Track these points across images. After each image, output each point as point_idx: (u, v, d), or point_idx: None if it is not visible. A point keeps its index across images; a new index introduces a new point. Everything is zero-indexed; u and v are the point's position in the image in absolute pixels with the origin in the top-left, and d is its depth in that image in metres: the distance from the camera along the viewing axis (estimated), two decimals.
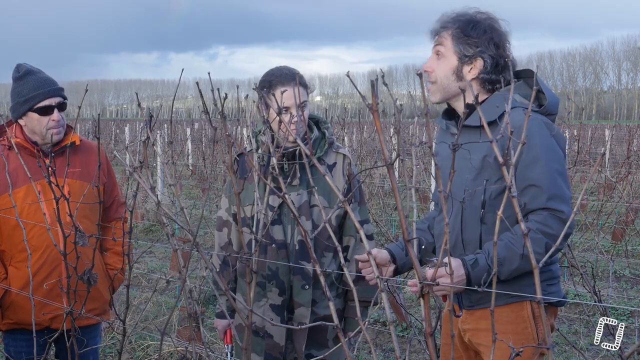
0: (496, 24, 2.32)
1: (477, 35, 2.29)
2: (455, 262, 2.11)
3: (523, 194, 2.15)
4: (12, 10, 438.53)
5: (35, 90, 2.80)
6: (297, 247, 2.72)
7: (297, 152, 2.71)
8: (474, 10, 2.34)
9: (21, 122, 2.87)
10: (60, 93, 2.86)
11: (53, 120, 2.82)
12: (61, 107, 2.87)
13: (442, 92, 2.34)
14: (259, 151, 2.76)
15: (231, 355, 2.86)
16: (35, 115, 2.81)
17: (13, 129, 2.90)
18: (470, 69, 2.30)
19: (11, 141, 2.81)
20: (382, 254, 2.39)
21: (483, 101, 2.29)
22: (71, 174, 2.87)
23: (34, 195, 2.78)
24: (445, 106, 2.47)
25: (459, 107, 2.35)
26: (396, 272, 2.43)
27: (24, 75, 2.85)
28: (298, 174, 2.74)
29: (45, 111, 2.81)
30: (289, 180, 2.72)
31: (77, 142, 2.94)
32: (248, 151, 2.80)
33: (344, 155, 2.82)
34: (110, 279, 3.01)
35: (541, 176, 2.12)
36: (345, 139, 11.36)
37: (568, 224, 1.25)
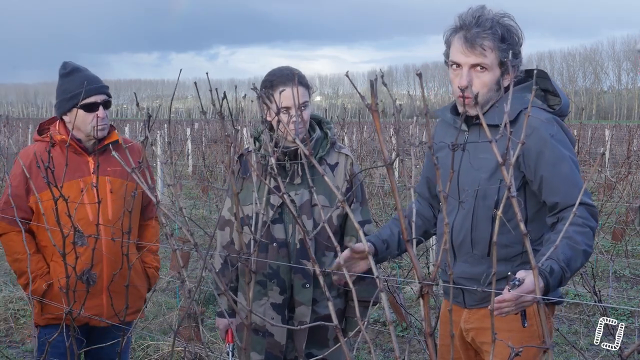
0: (515, 24, 2.27)
1: (516, 43, 2.24)
2: (533, 276, 1.98)
3: (554, 192, 2.13)
4: (12, 10, 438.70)
5: (81, 87, 2.84)
6: (298, 246, 2.72)
7: (299, 151, 2.71)
8: (489, 12, 2.25)
9: (66, 118, 2.92)
10: (105, 91, 2.92)
11: (98, 117, 2.85)
12: (106, 104, 2.92)
13: (482, 105, 2.26)
14: (261, 150, 2.76)
15: (233, 355, 2.86)
16: (80, 112, 2.84)
17: (56, 126, 2.94)
18: (507, 76, 2.25)
19: (55, 138, 2.87)
20: (363, 247, 2.34)
21: (495, 102, 2.28)
22: (112, 172, 2.92)
23: (77, 192, 2.82)
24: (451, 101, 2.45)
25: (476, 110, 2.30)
26: (376, 253, 2.41)
27: (70, 72, 2.90)
28: (300, 173, 2.74)
29: (91, 108, 2.85)
30: (289, 179, 2.73)
31: (120, 141, 2.97)
32: (249, 151, 2.81)
33: (347, 155, 2.83)
34: (147, 277, 3.09)
35: (570, 172, 2.14)
36: (345, 139, 11.35)
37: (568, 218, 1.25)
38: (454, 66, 2.27)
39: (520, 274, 1.89)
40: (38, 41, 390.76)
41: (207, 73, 1.31)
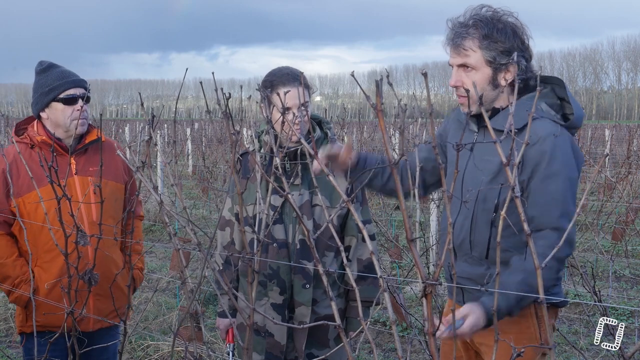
0: (515, 20, 2.21)
1: (507, 39, 2.16)
2: (474, 316, 2.01)
3: (535, 206, 2.08)
4: (12, 10, 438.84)
5: (59, 80, 2.81)
6: (298, 247, 2.72)
7: (299, 151, 2.72)
8: (487, 9, 2.21)
9: (43, 115, 2.86)
10: (83, 84, 2.86)
11: (77, 110, 2.81)
12: (85, 99, 2.87)
13: (478, 103, 2.25)
14: (261, 151, 2.76)
15: (233, 355, 2.86)
16: (59, 106, 2.80)
17: (34, 127, 2.89)
18: (505, 74, 2.20)
19: (34, 139, 2.82)
20: (340, 146, 2.37)
21: (506, 107, 2.24)
22: (94, 172, 2.87)
23: (60, 193, 2.80)
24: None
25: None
26: (354, 166, 2.43)
27: (47, 68, 2.86)
28: (300, 174, 2.74)
29: (70, 101, 2.81)
30: (290, 180, 2.73)
31: (103, 138, 2.92)
32: (252, 150, 2.81)
33: None
34: (132, 279, 3.06)
35: (558, 190, 2.07)
36: (345, 139, 11.35)
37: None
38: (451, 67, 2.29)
39: (463, 311, 2.01)
40: (39, 41, 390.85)
41: (212, 73, 1.31)
